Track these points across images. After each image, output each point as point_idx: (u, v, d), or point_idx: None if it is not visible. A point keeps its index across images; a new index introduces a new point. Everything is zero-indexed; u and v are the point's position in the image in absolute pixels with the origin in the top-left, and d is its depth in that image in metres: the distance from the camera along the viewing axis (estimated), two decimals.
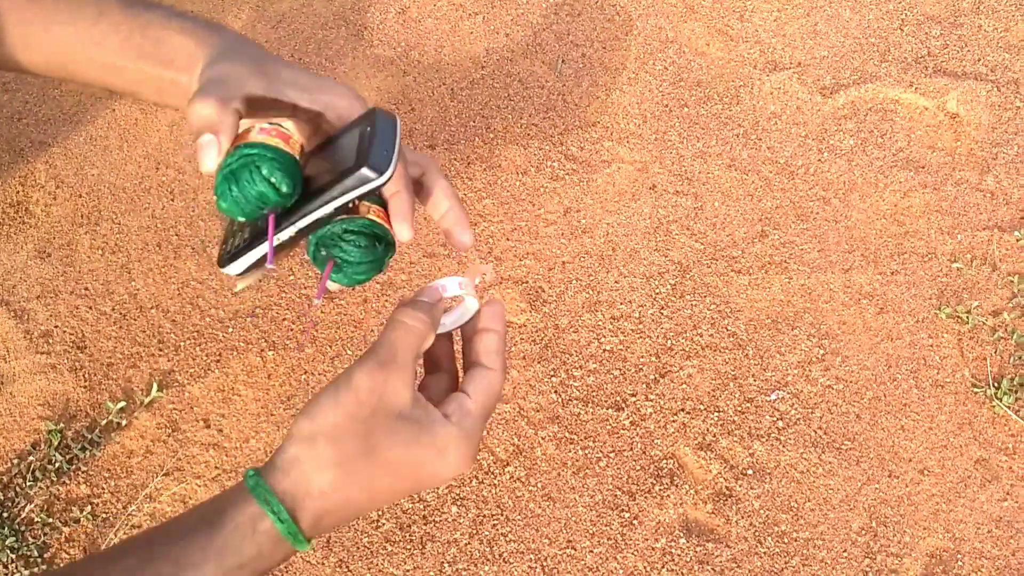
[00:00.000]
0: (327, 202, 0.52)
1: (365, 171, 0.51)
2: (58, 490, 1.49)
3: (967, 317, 1.67)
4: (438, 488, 0.52)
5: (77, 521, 1.46)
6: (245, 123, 0.55)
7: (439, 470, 0.49)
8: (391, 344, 0.50)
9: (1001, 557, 1.44)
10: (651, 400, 1.59)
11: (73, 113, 2.00)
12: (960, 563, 1.43)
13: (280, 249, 0.55)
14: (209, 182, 1.89)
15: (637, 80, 2.06)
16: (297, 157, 0.53)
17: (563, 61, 2.10)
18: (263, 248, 0.54)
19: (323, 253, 0.55)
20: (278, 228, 0.53)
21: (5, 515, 1.46)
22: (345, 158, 0.53)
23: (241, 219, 0.53)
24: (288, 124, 0.58)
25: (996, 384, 1.59)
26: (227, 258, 0.56)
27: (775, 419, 1.57)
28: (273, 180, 0.51)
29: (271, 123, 0.54)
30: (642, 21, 2.17)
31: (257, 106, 0.55)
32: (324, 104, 0.56)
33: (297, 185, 0.53)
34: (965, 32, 2.14)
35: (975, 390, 1.60)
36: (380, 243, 0.55)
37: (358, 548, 1.44)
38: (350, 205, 0.53)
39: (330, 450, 0.47)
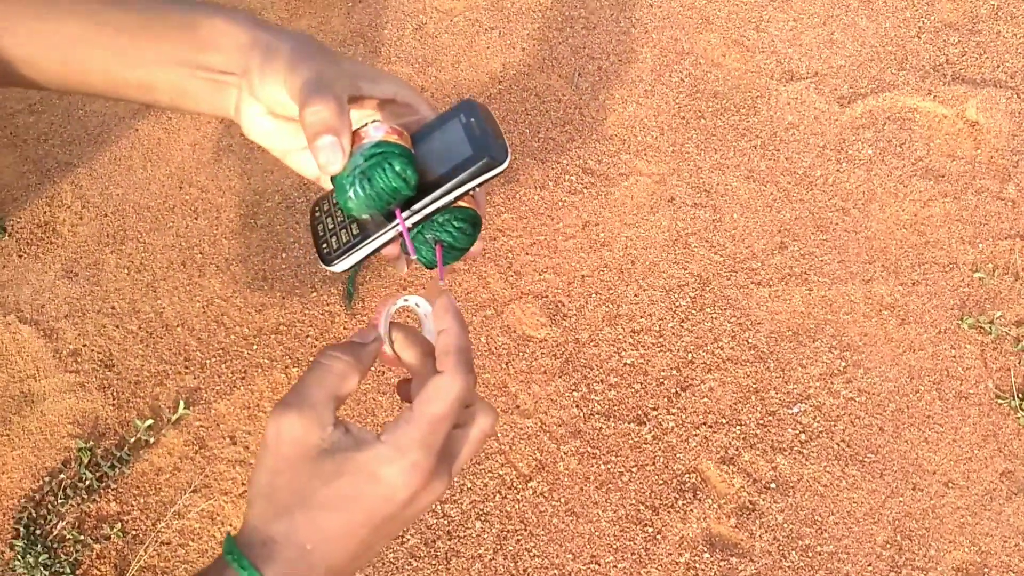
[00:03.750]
0: (453, 190, 0.56)
1: (490, 159, 0.55)
2: (88, 507, 1.52)
3: (990, 327, 1.66)
4: (419, 516, 0.51)
5: (108, 538, 1.49)
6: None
7: (382, 493, 0.46)
8: (301, 385, 0.49)
9: None
10: (673, 414, 1.60)
11: (98, 133, 2.04)
12: None
13: (389, 243, 0.58)
14: (232, 200, 1.91)
15: (653, 92, 2.07)
16: (412, 151, 0.56)
17: (579, 74, 2.11)
18: (373, 243, 0.57)
19: (428, 236, 0.59)
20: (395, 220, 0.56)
21: (38, 532, 1.48)
22: (458, 149, 0.56)
23: (365, 216, 0.56)
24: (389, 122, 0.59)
25: (1021, 395, 1.58)
26: (335, 256, 0.57)
27: (797, 432, 1.57)
28: (406, 175, 0.54)
29: (379, 121, 0.56)
30: (658, 33, 2.18)
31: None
32: (393, 92, 0.57)
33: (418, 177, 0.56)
34: (983, 39, 2.13)
35: (999, 401, 1.59)
36: (476, 226, 0.60)
37: (383, 563, 1.46)
38: (473, 193, 0.57)
39: (270, 508, 0.46)
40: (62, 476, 1.55)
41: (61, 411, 1.62)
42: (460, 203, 0.58)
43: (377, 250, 0.58)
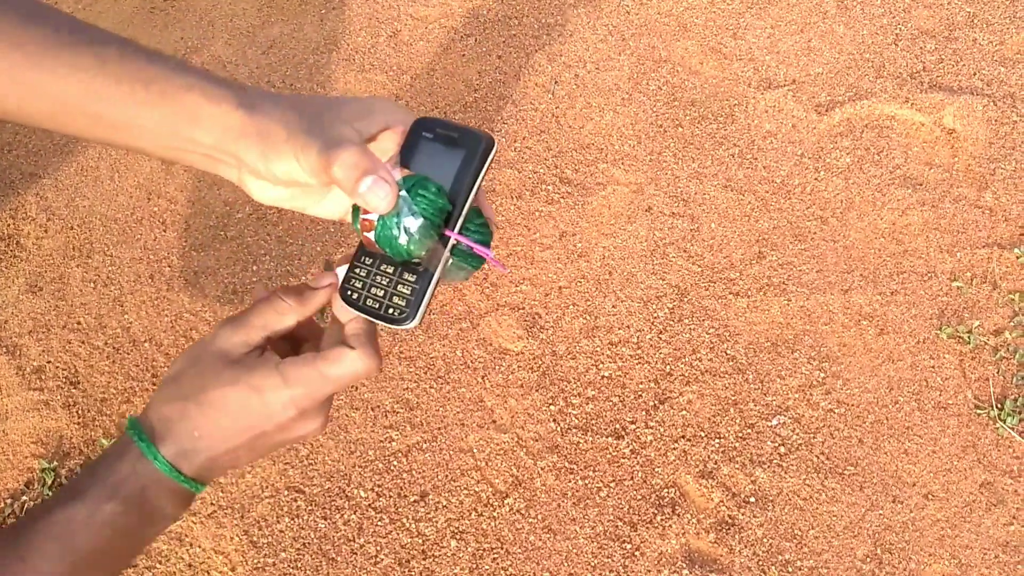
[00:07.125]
0: (471, 187, 0.56)
1: (485, 144, 0.56)
2: None
3: (968, 337, 1.65)
4: (289, 443, 0.58)
5: None
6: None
7: (261, 411, 0.54)
8: (247, 310, 0.57)
9: None
10: (651, 427, 1.57)
11: (63, 144, 1.99)
12: None
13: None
14: (201, 211, 1.87)
15: (631, 100, 2.05)
16: None
17: (556, 82, 2.09)
18: (435, 276, 0.57)
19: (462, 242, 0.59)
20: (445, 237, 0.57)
21: None
22: (448, 156, 0.56)
23: (417, 254, 0.56)
24: None
25: (999, 405, 1.58)
26: (409, 312, 0.57)
27: (777, 445, 1.55)
28: (440, 192, 0.55)
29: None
30: (635, 40, 2.16)
31: None
32: (385, 122, 0.57)
33: None
34: (960, 46, 2.13)
35: (978, 412, 1.58)
36: (485, 219, 0.61)
37: None
38: (482, 184, 0.58)
39: (174, 392, 0.55)
40: (24, 498, 1.50)
41: (24, 430, 1.58)
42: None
43: (437, 284, 0.58)
